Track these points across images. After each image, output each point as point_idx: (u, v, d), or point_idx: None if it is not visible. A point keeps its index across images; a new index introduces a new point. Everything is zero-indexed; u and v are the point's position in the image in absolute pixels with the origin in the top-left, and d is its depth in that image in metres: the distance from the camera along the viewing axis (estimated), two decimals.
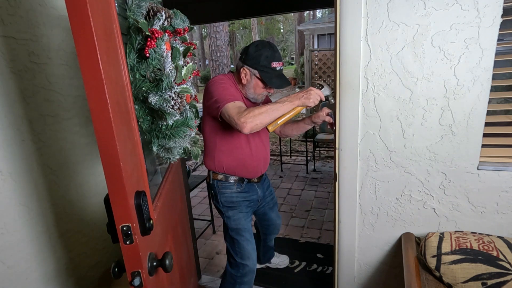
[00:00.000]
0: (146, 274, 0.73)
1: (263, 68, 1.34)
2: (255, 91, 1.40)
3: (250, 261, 1.50)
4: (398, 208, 1.35)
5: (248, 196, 1.53)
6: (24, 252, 1.15)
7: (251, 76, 1.37)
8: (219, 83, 1.34)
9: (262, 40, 1.42)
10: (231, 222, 1.49)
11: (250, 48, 1.37)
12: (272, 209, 1.79)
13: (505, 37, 1.25)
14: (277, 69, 1.36)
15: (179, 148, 1.07)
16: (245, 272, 1.51)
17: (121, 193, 0.65)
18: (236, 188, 1.49)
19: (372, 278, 1.51)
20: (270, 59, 1.34)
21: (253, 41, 1.41)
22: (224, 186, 1.48)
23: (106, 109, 0.60)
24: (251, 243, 1.52)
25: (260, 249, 2.03)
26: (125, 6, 0.91)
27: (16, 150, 1.10)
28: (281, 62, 1.39)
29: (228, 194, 1.48)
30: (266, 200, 1.72)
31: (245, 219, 1.50)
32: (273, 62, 1.34)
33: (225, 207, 1.49)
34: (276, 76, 1.36)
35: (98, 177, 1.47)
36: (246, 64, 1.36)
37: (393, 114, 1.23)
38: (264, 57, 1.33)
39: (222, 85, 1.32)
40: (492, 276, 1.01)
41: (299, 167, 4.26)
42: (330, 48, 7.64)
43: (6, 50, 1.06)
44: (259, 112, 1.15)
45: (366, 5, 1.14)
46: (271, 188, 1.78)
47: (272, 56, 1.34)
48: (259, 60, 1.33)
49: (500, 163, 1.18)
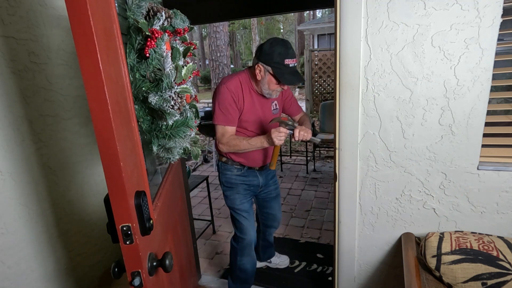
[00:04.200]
0: (146, 274, 0.73)
1: (276, 65, 1.40)
2: (269, 87, 1.47)
3: (247, 235, 1.68)
4: (398, 208, 1.35)
5: (246, 180, 1.65)
6: (24, 252, 1.15)
7: (265, 73, 1.44)
8: (221, 102, 1.44)
9: (276, 38, 1.47)
10: (227, 201, 1.67)
11: (264, 45, 1.44)
12: (274, 199, 1.86)
13: (505, 37, 1.25)
14: (290, 65, 1.41)
15: (179, 148, 1.07)
16: (244, 245, 1.70)
17: (121, 193, 0.65)
18: (236, 172, 1.63)
19: (372, 278, 1.51)
20: (283, 56, 1.39)
21: (269, 38, 1.48)
22: (226, 168, 1.63)
23: (106, 109, 0.60)
24: (249, 221, 1.67)
25: (260, 244, 2.06)
26: (125, 6, 0.91)
27: (16, 150, 1.10)
28: (294, 59, 1.43)
29: (228, 176, 1.63)
30: (269, 188, 1.80)
31: (241, 200, 1.65)
32: (286, 59, 1.40)
33: (225, 187, 1.66)
34: (289, 73, 1.42)
35: (98, 177, 1.47)
36: (260, 61, 1.43)
37: (393, 114, 1.23)
38: (277, 54, 1.39)
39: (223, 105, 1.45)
40: (492, 276, 1.01)
41: (299, 167, 4.26)
42: (330, 48, 7.64)
43: (6, 50, 1.06)
44: (235, 144, 1.45)
45: (366, 5, 1.14)
46: (275, 179, 1.85)
47: (285, 53, 1.39)
48: (272, 57, 1.39)
49: (500, 163, 1.18)
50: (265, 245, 2.10)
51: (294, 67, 1.44)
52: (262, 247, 2.11)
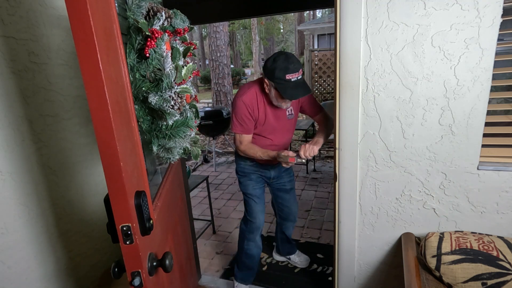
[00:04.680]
0: (146, 274, 0.73)
1: (278, 81, 1.44)
2: (276, 100, 1.54)
3: (256, 219, 1.81)
4: (398, 208, 1.35)
5: (258, 170, 1.80)
6: (24, 252, 1.15)
7: (270, 87, 1.51)
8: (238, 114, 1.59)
9: (280, 52, 1.51)
10: (241, 186, 1.84)
11: (268, 60, 1.50)
12: (288, 192, 1.93)
13: (505, 37, 1.25)
14: (292, 80, 1.44)
15: (179, 148, 1.07)
16: (252, 228, 1.82)
17: (121, 193, 0.65)
18: (250, 163, 1.77)
19: (372, 278, 1.51)
20: (284, 72, 1.42)
21: (274, 53, 1.53)
22: (241, 158, 1.78)
23: (106, 109, 0.60)
24: (259, 206, 1.81)
25: (278, 236, 2.16)
26: (125, 6, 0.91)
27: (16, 150, 1.10)
28: (297, 72, 1.45)
29: (242, 165, 1.79)
30: (283, 180, 1.89)
31: (253, 186, 1.80)
32: (287, 74, 1.43)
33: (239, 174, 1.83)
34: (292, 87, 1.45)
35: (98, 177, 1.47)
36: (265, 76, 1.51)
37: (393, 114, 1.23)
38: (279, 70, 1.43)
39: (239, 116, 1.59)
40: (492, 276, 1.01)
41: (299, 167, 4.26)
42: (330, 48, 7.63)
43: (6, 50, 1.06)
44: (250, 153, 1.63)
45: (366, 5, 1.14)
46: (289, 171, 1.92)
47: (286, 68, 1.42)
48: (274, 73, 1.44)
49: (500, 163, 1.18)
50: (283, 239, 2.14)
51: (297, 80, 1.45)
52: (280, 240, 2.16)
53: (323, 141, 1.60)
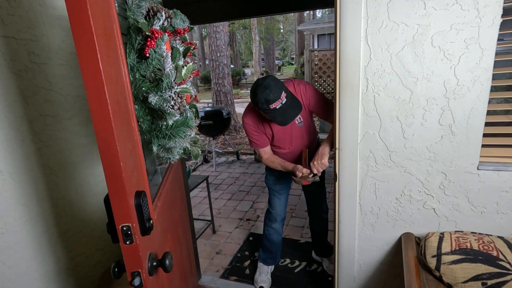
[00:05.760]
0: (146, 274, 0.73)
1: (264, 111, 1.49)
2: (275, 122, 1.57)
3: (274, 210, 1.96)
4: (398, 208, 1.35)
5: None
6: (24, 252, 1.15)
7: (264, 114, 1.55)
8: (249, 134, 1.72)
9: (257, 82, 1.50)
10: (265, 180, 1.99)
11: (251, 92, 1.53)
12: (315, 189, 2.03)
13: (505, 37, 1.25)
14: (277, 107, 1.46)
15: (179, 148, 1.07)
16: (271, 217, 1.98)
17: (121, 193, 0.65)
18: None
19: (372, 278, 1.51)
20: (267, 103, 1.45)
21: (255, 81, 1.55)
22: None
23: (106, 109, 0.60)
24: (278, 199, 1.95)
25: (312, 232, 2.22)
26: (125, 6, 0.91)
27: (16, 150, 1.10)
28: (279, 99, 1.45)
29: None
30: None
31: (274, 181, 1.93)
32: (270, 105, 1.45)
33: (266, 171, 1.98)
34: (280, 114, 1.48)
35: (98, 177, 1.47)
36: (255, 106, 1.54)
37: (393, 114, 1.23)
38: (261, 103, 1.46)
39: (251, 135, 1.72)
40: (492, 276, 1.01)
41: None
42: (330, 48, 7.62)
43: (6, 50, 1.06)
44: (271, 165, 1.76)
45: (366, 5, 1.14)
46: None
47: (267, 100, 1.44)
48: (258, 106, 1.49)
49: (500, 163, 1.18)
50: (314, 235, 2.18)
51: (283, 105, 1.46)
52: (312, 236, 2.21)
53: (329, 148, 1.59)
